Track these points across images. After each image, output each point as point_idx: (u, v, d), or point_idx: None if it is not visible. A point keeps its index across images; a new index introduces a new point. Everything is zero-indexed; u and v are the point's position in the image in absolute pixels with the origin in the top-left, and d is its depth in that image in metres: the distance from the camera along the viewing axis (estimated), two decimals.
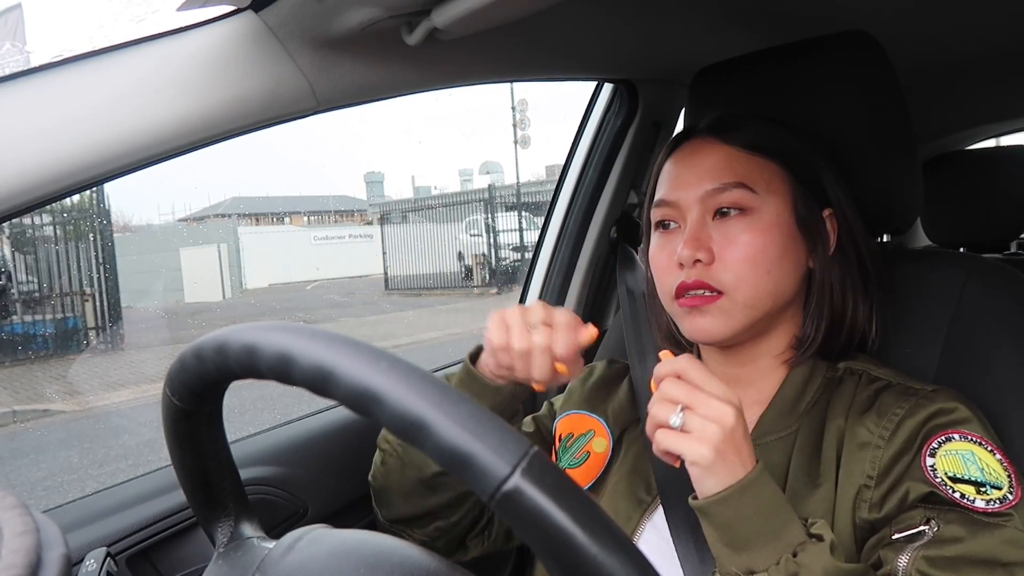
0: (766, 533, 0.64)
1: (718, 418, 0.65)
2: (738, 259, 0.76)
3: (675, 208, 0.81)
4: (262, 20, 0.77)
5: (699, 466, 0.65)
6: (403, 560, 0.49)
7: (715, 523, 0.66)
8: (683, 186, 0.80)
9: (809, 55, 0.94)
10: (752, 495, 0.65)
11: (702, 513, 0.67)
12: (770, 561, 0.64)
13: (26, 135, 0.65)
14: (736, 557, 0.65)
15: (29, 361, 4.09)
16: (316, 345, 0.41)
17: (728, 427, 0.65)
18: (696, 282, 0.77)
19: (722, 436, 0.64)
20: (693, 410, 0.65)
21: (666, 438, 0.66)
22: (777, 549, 0.64)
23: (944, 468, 0.68)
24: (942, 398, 0.73)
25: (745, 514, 0.65)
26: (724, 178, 0.78)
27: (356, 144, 21.41)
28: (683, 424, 0.65)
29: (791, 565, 0.63)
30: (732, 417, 0.65)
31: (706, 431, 0.65)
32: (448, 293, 10.37)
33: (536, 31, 1.04)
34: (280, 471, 1.10)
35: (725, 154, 0.80)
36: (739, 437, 0.66)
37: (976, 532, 0.65)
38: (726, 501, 0.64)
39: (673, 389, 0.67)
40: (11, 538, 0.35)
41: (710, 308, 0.77)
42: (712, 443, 0.64)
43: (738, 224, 0.77)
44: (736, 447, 0.65)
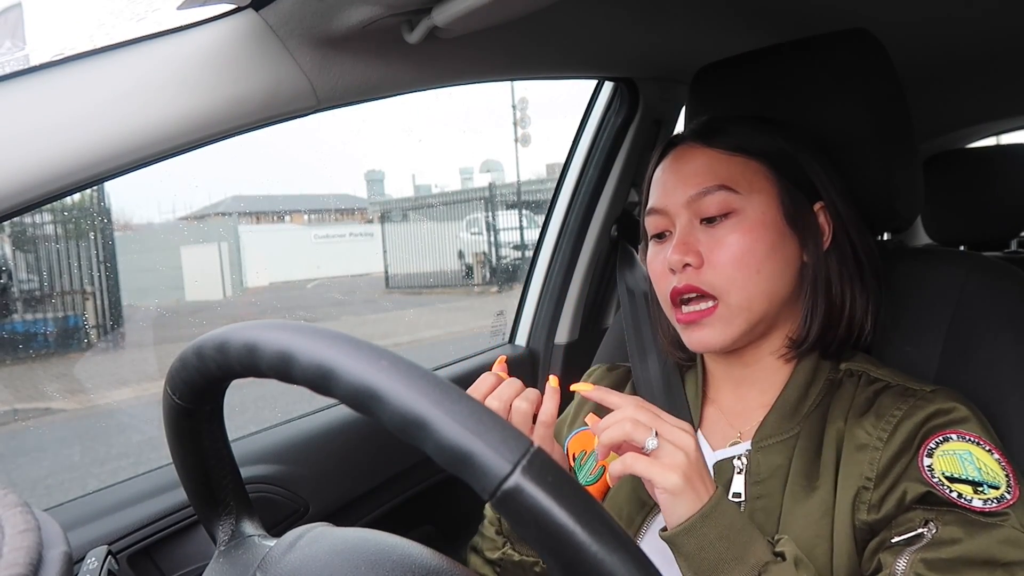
0: (730, 558, 0.65)
1: (683, 444, 0.66)
2: (726, 260, 0.77)
3: (664, 215, 0.82)
4: (262, 18, 0.77)
5: (669, 493, 0.65)
6: (404, 558, 0.49)
7: (683, 553, 0.66)
8: (669, 192, 0.82)
9: (810, 53, 0.94)
10: (713, 521, 0.65)
11: (671, 544, 0.67)
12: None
13: (26, 134, 0.65)
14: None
15: (30, 359, 4.09)
16: (317, 343, 0.41)
17: (692, 453, 0.66)
18: (687, 286, 0.78)
19: (687, 463, 0.65)
20: (661, 436, 0.66)
21: (637, 462, 0.66)
22: (743, 573, 0.64)
23: (941, 468, 0.68)
24: (940, 398, 0.73)
25: (709, 541, 0.65)
26: (706, 182, 0.79)
27: (357, 143, 21.39)
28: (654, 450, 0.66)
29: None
30: (693, 443, 0.67)
31: (675, 458, 0.65)
32: (449, 291, 10.37)
33: (537, 29, 1.04)
34: (281, 469, 1.10)
35: (707, 158, 0.81)
36: (700, 463, 0.67)
37: (974, 532, 0.65)
38: (690, 531, 0.65)
39: (640, 414, 0.67)
40: (13, 536, 0.35)
41: (708, 320, 0.78)
42: (681, 469, 0.65)
43: (724, 226, 0.78)
44: (699, 473, 0.66)
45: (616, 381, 0.98)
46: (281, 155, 11.72)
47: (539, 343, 1.58)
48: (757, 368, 0.83)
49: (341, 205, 12.29)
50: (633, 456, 0.67)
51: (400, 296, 10.14)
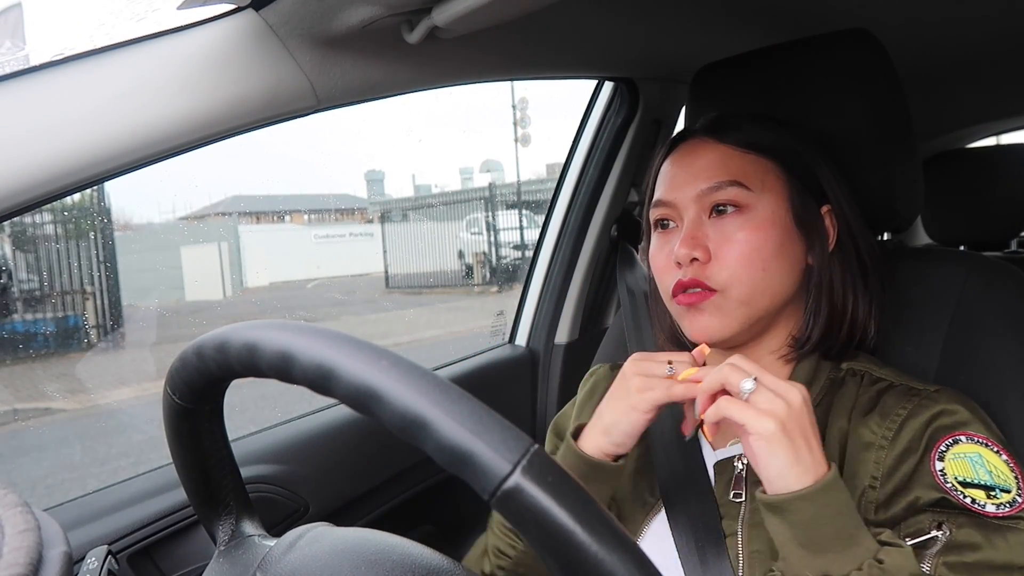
0: (845, 537, 0.62)
1: (786, 394, 0.64)
2: (734, 257, 0.76)
3: (672, 208, 0.81)
4: (262, 18, 0.77)
5: (763, 439, 0.62)
6: (404, 557, 0.49)
7: (793, 521, 0.62)
8: (679, 186, 0.81)
9: (810, 53, 0.94)
10: (834, 495, 0.63)
11: (777, 509, 0.64)
12: (850, 566, 0.61)
13: (26, 134, 0.65)
14: (812, 560, 0.62)
15: (30, 359, 4.09)
16: (317, 343, 0.41)
17: (795, 406, 0.63)
18: (692, 280, 0.77)
19: (787, 414, 0.63)
20: (761, 381, 0.64)
21: (730, 405, 0.64)
22: (857, 554, 0.62)
23: (954, 472, 0.68)
24: (944, 398, 0.73)
25: (828, 513, 0.62)
26: (719, 176, 0.78)
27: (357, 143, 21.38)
28: (751, 394, 0.63)
29: (875, 570, 0.61)
30: (799, 398, 0.64)
31: (774, 405, 0.63)
32: (449, 291, 10.37)
33: (537, 29, 1.04)
34: (281, 469, 1.10)
35: (720, 153, 0.80)
36: (806, 421, 0.64)
37: (991, 538, 0.65)
38: (810, 498, 0.62)
39: (742, 362, 0.66)
40: (13, 536, 0.35)
41: (706, 305, 0.77)
42: (777, 417, 0.62)
43: (734, 222, 0.77)
44: (803, 431, 0.63)
45: None
46: (281, 155, 11.71)
47: (539, 343, 1.57)
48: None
49: (341, 205, 12.29)
50: (727, 399, 0.64)
51: (400, 296, 10.14)
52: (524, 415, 1.56)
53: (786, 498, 0.63)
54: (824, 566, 0.62)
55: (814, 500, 0.62)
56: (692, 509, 0.78)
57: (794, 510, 0.63)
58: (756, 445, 0.63)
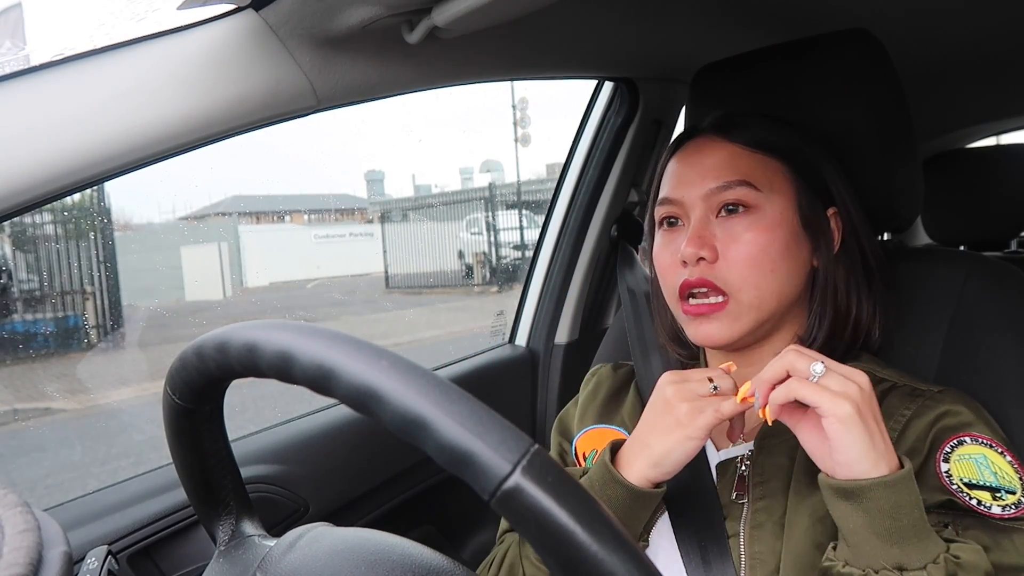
0: (921, 528, 0.61)
1: (855, 377, 0.63)
2: (741, 257, 0.76)
3: (679, 206, 0.80)
4: (262, 19, 0.77)
5: (840, 421, 0.60)
6: (403, 557, 0.49)
7: (871, 508, 0.60)
8: (687, 184, 0.80)
9: (810, 53, 0.93)
10: (913, 486, 0.61)
11: (852, 495, 0.61)
12: (927, 558, 0.60)
13: (26, 134, 0.65)
14: (888, 550, 0.60)
15: (30, 359, 4.08)
16: (317, 343, 0.41)
17: (866, 389, 0.62)
18: (699, 280, 0.76)
19: (861, 396, 0.61)
20: (829, 366, 0.63)
21: (803, 387, 0.62)
22: (931, 546, 0.60)
23: (959, 474, 0.68)
24: (948, 399, 0.73)
25: (909, 503, 0.60)
26: (728, 176, 0.78)
27: (357, 143, 21.39)
28: (822, 377, 0.62)
29: (951, 565, 0.60)
30: (868, 382, 0.63)
31: (847, 387, 0.61)
32: (449, 291, 10.36)
33: (537, 29, 1.04)
34: (281, 469, 1.10)
35: (729, 152, 0.79)
36: (876, 407, 0.63)
37: (998, 540, 0.65)
38: (893, 486, 0.60)
39: (805, 350, 0.65)
40: (13, 536, 0.35)
41: (717, 315, 0.76)
42: (852, 399, 0.60)
43: (742, 222, 0.77)
44: (875, 415, 0.62)
45: (620, 380, 0.98)
46: (281, 155, 11.69)
47: (539, 343, 1.58)
48: (760, 368, 0.83)
49: (341, 205, 12.28)
50: (798, 380, 0.62)
51: (400, 296, 10.13)
52: (524, 415, 1.56)
53: (867, 484, 0.60)
54: (899, 557, 0.60)
55: (897, 488, 0.60)
56: (695, 510, 0.78)
57: (875, 497, 0.60)
58: (833, 428, 0.61)
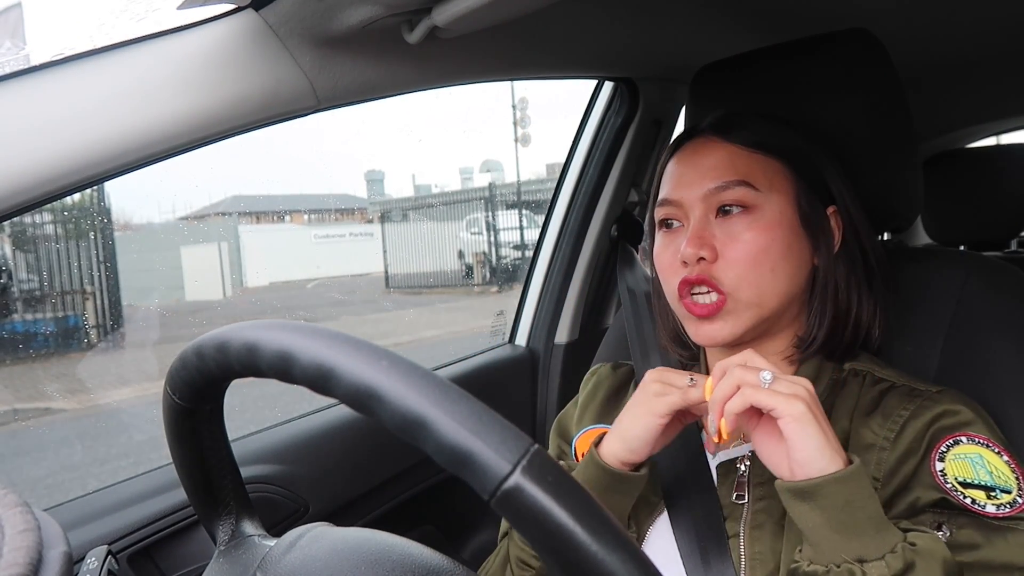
0: (878, 519, 0.62)
1: (801, 382, 0.65)
2: (741, 257, 0.76)
3: (678, 207, 0.81)
4: (262, 18, 0.77)
5: (796, 420, 0.62)
6: (404, 557, 0.49)
7: (827, 505, 0.62)
8: (686, 185, 0.80)
9: (810, 53, 0.93)
10: (864, 480, 0.63)
11: (807, 495, 0.63)
12: (885, 548, 0.61)
13: (27, 134, 0.65)
14: (847, 544, 0.62)
15: (30, 359, 4.09)
16: (317, 343, 0.41)
17: (810, 391, 0.64)
18: (699, 277, 0.76)
19: (809, 397, 0.64)
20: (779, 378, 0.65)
21: (756, 392, 0.63)
22: (889, 538, 0.61)
23: (954, 473, 0.68)
24: (947, 399, 0.73)
25: (861, 497, 0.61)
26: (727, 176, 0.78)
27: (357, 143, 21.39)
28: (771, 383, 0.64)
29: (909, 553, 0.61)
30: (811, 385, 0.65)
31: (795, 389, 0.63)
32: (449, 291, 10.37)
33: (537, 29, 1.04)
34: (281, 469, 1.10)
35: (728, 152, 0.80)
36: (822, 410, 0.65)
37: (991, 538, 0.65)
38: (845, 481, 0.61)
39: (755, 358, 0.66)
40: (13, 536, 0.35)
41: (718, 315, 0.77)
42: (804, 400, 0.63)
43: (741, 222, 0.77)
44: (823, 416, 0.64)
45: (620, 380, 0.98)
46: (281, 155, 11.69)
47: (539, 343, 1.58)
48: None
49: (341, 205, 12.29)
50: (752, 387, 0.64)
51: (400, 296, 10.14)
52: (524, 415, 1.56)
53: (819, 481, 0.62)
54: (858, 549, 0.61)
55: (848, 482, 0.61)
56: (695, 511, 0.78)
57: (828, 493, 0.62)
58: (790, 427, 0.62)
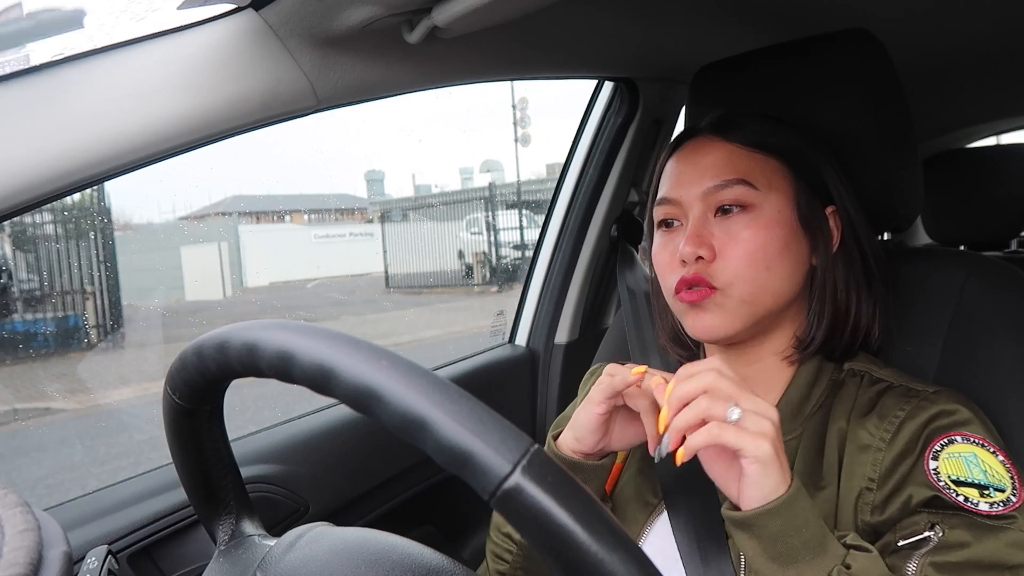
0: (813, 545, 0.63)
1: (767, 413, 0.64)
2: (738, 255, 0.76)
3: (677, 206, 0.81)
4: (262, 18, 0.77)
5: (760, 463, 0.62)
6: (404, 557, 0.49)
7: (762, 536, 0.63)
8: (684, 184, 0.80)
9: (810, 53, 0.93)
10: (799, 506, 0.63)
11: (744, 526, 0.64)
12: (821, 573, 0.62)
13: (26, 134, 0.65)
14: (783, 572, 0.63)
15: (30, 359, 4.09)
16: (317, 343, 0.41)
17: (776, 424, 0.64)
18: (695, 276, 0.76)
19: (775, 433, 0.63)
20: (743, 406, 0.64)
21: (725, 431, 0.62)
22: (825, 562, 0.62)
23: (947, 471, 0.68)
24: (943, 400, 0.73)
25: (795, 525, 0.62)
26: (725, 175, 0.78)
27: (357, 143, 21.42)
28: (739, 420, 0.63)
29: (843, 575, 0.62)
30: (777, 415, 0.65)
31: (762, 426, 0.63)
32: (449, 291, 10.37)
33: (537, 29, 1.04)
34: (281, 469, 1.10)
35: (726, 151, 0.80)
36: (781, 444, 0.65)
37: (981, 536, 0.65)
38: (777, 512, 0.62)
39: (722, 383, 0.65)
40: (13, 536, 0.35)
41: (708, 303, 0.77)
42: (769, 438, 0.62)
43: (740, 221, 0.77)
44: (781, 449, 0.64)
45: None
46: (281, 155, 11.69)
47: (539, 343, 1.58)
48: (760, 368, 0.83)
49: (341, 205, 12.29)
50: (719, 425, 0.63)
51: (400, 296, 10.14)
52: (524, 415, 1.56)
53: (753, 514, 0.63)
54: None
55: (779, 514, 0.62)
56: (694, 510, 0.78)
57: (762, 525, 0.63)
58: (752, 468, 0.62)
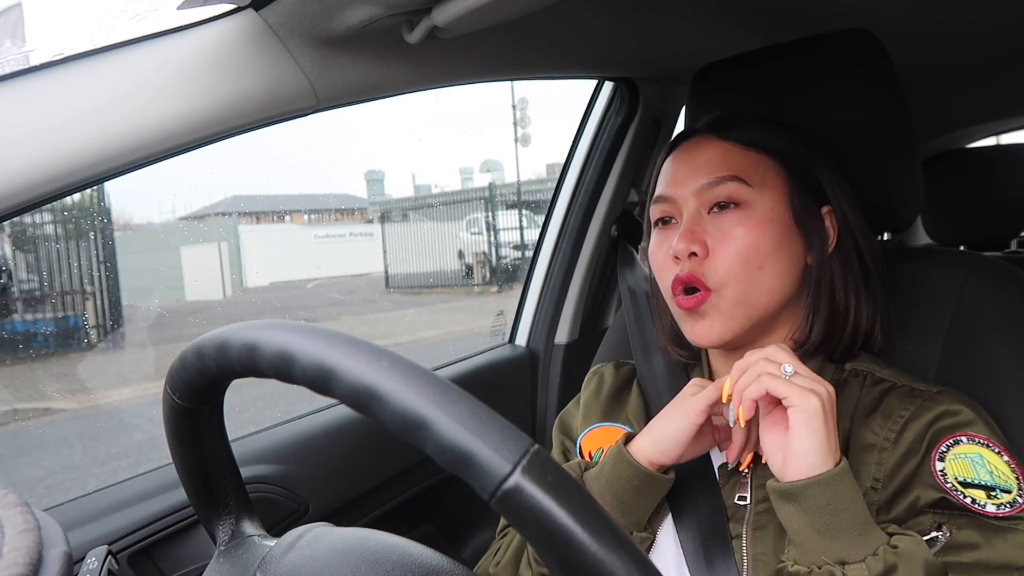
0: (859, 523, 0.63)
1: (822, 382, 0.67)
2: (731, 253, 0.76)
3: (672, 204, 0.81)
4: (262, 18, 0.77)
5: (805, 412, 0.64)
6: (404, 557, 0.49)
7: (809, 507, 0.64)
8: (679, 182, 0.81)
9: (810, 53, 0.93)
10: (848, 483, 0.64)
11: (792, 496, 0.65)
12: (866, 551, 0.62)
13: (26, 134, 0.65)
14: (828, 545, 0.63)
15: (30, 359, 4.09)
16: (317, 343, 0.41)
17: (830, 396, 0.66)
18: (689, 275, 0.77)
19: (827, 398, 0.66)
20: (800, 373, 0.67)
21: (775, 380, 0.66)
22: (871, 540, 0.63)
23: (954, 473, 0.68)
24: (947, 399, 0.73)
25: (843, 500, 0.63)
26: (719, 172, 0.78)
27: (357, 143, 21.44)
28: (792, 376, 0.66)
29: (890, 556, 0.62)
30: (831, 388, 0.67)
31: (814, 386, 0.66)
32: (449, 291, 10.36)
33: (537, 29, 1.04)
34: (281, 469, 1.10)
35: (721, 149, 0.80)
36: (835, 415, 0.67)
37: (990, 538, 0.65)
38: (827, 484, 0.63)
39: (780, 353, 0.69)
40: (13, 536, 0.35)
41: (704, 308, 0.77)
42: (820, 396, 0.65)
43: (732, 217, 0.77)
44: (834, 419, 0.66)
45: (622, 379, 0.98)
46: (281, 155, 11.69)
47: (539, 343, 1.57)
48: None
49: (341, 205, 12.29)
50: (771, 376, 0.66)
51: (400, 296, 10.13)
52: (524, 415, 1.56)
53: (803, 484, 0.64)
54: (840, 551, 0.63)
55: (830, 485, 0.63)
56: (699, 511, 0.78)
57: (811, 496, 0.64)
58: (796, 418, 0.65)
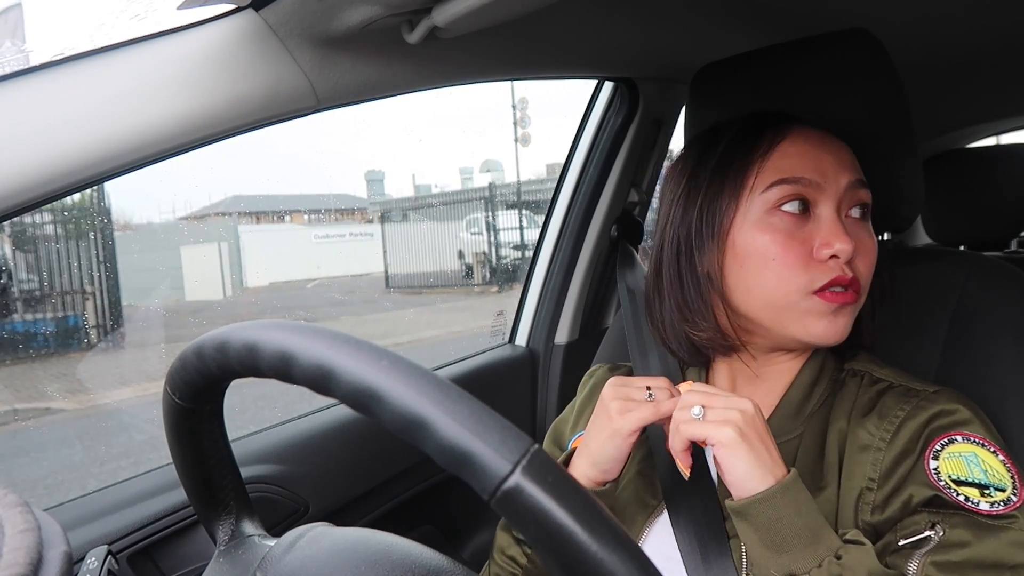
0: (806, 535, 0.65)
1: (737, 406, 0.68)
2: (869, 263, 0.76)
3: (818, 191, 0.74)
4: (262, 19, 0.77)
5: (724, 446, 0.66)
6: (404, 557, 0.49)
7: (755, 524, 0.66)
8: (830, 171, 0.74)
9: (810, 53, 0.93)
10: (792, 496, 0.65)
11: (740, 515, 0.67)
12: (812, 563, 0.64)
13: (26, 134, 0.65)
14: (777, 559, 0.65)
15: (30, 359, 4.09)
16: (317, 343, 0.41)
17: (749, 413, 0.67)
18: (853, 278, 0.73)
19: (743, 420, 0.66)
20: (711, 407, 0.68)
21: (689, 426, 0.68)
22: (818, 551, 0.64)
23: (948, 471, 0.68)
24: (943, 399, 0.73)
25: (787, 514, 0.65)
26: (860, 174, 0.78)
27: (357, 143, 21.42)
28: (703, 415, 0.68)
29: (834, 567, 0.63)
30: (750, 406, 0.68)
31: (727, 415, 0.67)
32: (449, 291, 10.36)
33: (537, 29, 1.04)
34: (281, 469, 1.10)
35: (849, 151, 0.79)
36: (760, 427, 0.68)
37: (982, 536, 0.65)
38: (768, 501, 0.65)
39: (691, 397, 0.70)
40: (13, 536, 0.35)
41: (849, 309, 0.75)
42: (734, 424, 0.66)
43: (867, 226, 0.78)
44: (759, 435, 0.67)
45: None
46: (281, 155, 11.69)
47: (539, 343, 1.58)
48: (775, 368, 0.83)
49: (341, 205, 12.29)
50: (684, 423, 0.69)
51: (400, 296, 10.13)
52: (524, 415, 1.56)
53: (747, 502, 0.66)
54: (787, 564, 0.65)
55: (771, 502, 0.65)
56: (695, 510, 0.78)
57: (755, 513, 0.66)
58: (719, 454, 0.67)
